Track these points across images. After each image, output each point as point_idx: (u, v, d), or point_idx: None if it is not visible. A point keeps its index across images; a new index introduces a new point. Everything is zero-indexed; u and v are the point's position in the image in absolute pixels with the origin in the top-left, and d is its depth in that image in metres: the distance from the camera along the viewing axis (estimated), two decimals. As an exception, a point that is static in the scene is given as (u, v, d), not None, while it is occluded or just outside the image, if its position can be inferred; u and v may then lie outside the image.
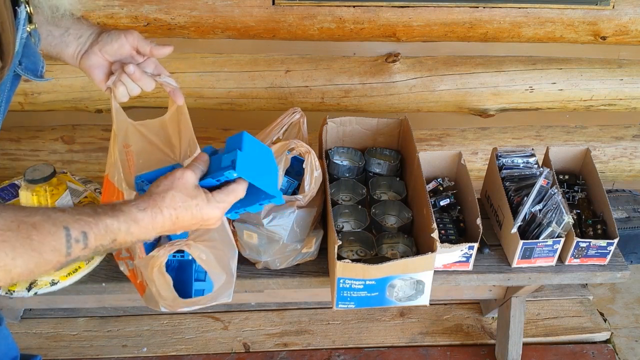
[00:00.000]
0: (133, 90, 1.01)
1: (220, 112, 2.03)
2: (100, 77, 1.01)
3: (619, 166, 2.27)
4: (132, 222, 0.78)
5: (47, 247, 0.69)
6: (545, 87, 2.01)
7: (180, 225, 0.84)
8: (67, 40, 0.98)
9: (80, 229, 0.72)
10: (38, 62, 0.90)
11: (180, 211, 0.82)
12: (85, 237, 0.72)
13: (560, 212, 1.44)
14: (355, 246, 1.49)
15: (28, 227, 0.68)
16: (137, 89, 1.01)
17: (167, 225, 0.82)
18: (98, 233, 0.74)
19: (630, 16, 1.87)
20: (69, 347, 1.90)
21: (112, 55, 1.00)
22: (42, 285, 1.36)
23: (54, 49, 0.99)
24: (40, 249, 0.68)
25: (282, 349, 1.92)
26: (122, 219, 0.77)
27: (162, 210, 0.81)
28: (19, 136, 2.05)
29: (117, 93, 1.00)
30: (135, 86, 1.00)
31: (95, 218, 0.74)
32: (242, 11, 1.78)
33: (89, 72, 1.01)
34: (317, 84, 1.96)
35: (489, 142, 2.18)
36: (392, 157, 1.69)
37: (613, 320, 2.08)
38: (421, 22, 1.84)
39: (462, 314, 2.06)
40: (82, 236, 0.72)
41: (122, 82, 0.99)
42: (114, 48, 0.99)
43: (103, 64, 1.01)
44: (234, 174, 0.86)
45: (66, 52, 0.99)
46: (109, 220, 0.75)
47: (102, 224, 0.74)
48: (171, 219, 0.82)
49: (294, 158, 1.36)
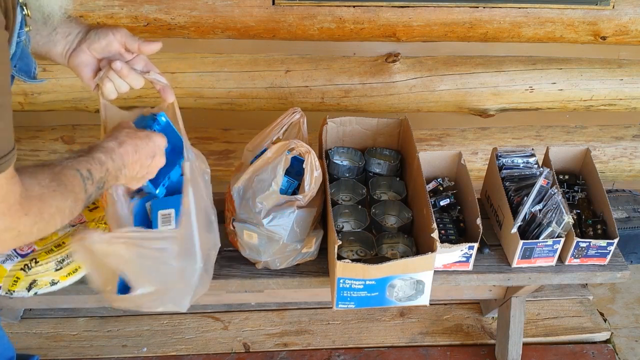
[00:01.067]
0: (121, 87, 1.01)
1: (220, 112, 2.03)
2: (88, 75, 1.01)
3: (619, 166, 2.27)
4: (109, 150, 0.93)
5: (75, 187, 0.84)
6: (545, 87, 2.01)
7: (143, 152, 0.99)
8: (55, 39, 0.98)
9: (85, 167, 0.87)
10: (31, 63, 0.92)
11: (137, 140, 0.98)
12: (90, 173, 0.87)
13: (560, 212, 1.44)
14: (355, 246, 1.49)
15: (59, 176, 0.82)
16: (125, 85, 1.01)
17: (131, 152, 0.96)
18: (96, 167, 0.89)
19: (630, 16, 1.87)
20: (69, 347, 1.90)
21: (100, 52, 1.00)
22: (42, 285, 1.36)
23: (42, 48, 0.99)
24: (73, 189, 0.83)
25: (282, 349, 1.92)
26: (104, 150, 0.92)
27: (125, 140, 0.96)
28: (19, 136, 2.05)
29: (104, 90, 1.01)
30: (123, 83, 1.01)
31: (89, 156, 0.90)
32: (242, 11, 1.78)
33: (78, 70, 1.01)
34: (317, 84, 1.96)
35: (489, 142, 2.18)
36: (392, 157, 1.69)
37: (613, 320, 2.08)
38: (421, 22, 1.84)
39: (462, 314, 2.06)
40: (88, 173, 0.87)
41: (109, 78, 0.99)
42: (101, 45, 0.98)
43: (91, 61, 1.01)
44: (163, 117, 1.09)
45: (54, 51, 0.99)
46: (97, 154, 0.91)
47: (96, 159, 0.90)
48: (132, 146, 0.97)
49: (294, 158, 1.36)
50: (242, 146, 1.56)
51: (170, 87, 1.10)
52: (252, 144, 1.49)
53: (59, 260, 1.36)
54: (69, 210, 0.83)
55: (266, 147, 1.43)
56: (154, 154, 1.02)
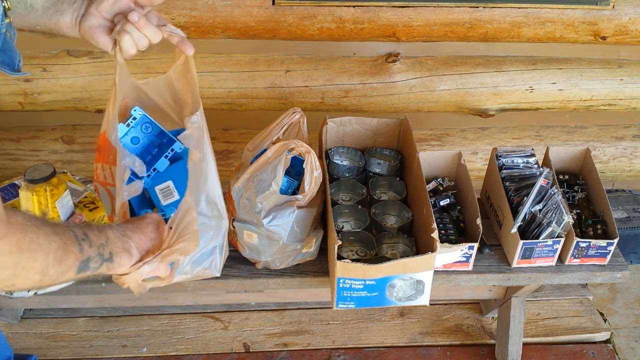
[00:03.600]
0: (140, 40, 0.94)
1: (220, 112, 2.03)
2: (103, 37, 0.95)
3: (619, 166, 2.27)
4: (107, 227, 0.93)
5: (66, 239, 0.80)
6: (545, 87, 2.01)
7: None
8: (62, 8, 0.94)
9: (80, 230, 0.84)
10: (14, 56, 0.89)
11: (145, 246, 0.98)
12: (87, 236, 0.84)
13: (560, 212, 1.44)
14: (355, 246, 1.49)
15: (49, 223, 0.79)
16: (144, 39, 0.94)
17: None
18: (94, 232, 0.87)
19: (630, 16, 1.87)
20: (69, 347, 1.90)
21: (110, 11, 0.95)
22: (42, 285, 1.36)
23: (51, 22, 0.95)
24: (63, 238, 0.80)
25: (282, 349, 1.92)
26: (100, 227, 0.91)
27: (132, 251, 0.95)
28: (19, 136, 2.05)
29: (123, 44, 0.93)
30: (141, 36, 0.93)
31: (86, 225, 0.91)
32: (242, 11, 1.78)
33: (91, 35, 0.95)
34: (317, 84, 1.96)
35: (489, 142, 2.18)
36: (392, 157, 1.69)
37: (613, 320, 2.08)
38: (421, 22, 1.84)
39: (462, 314, 2.06)
40: (84, 235, 0.84)
41: (126, 31, 0.92)
42: (110, 2, 0.94)
43: (104, 23, 0.95)
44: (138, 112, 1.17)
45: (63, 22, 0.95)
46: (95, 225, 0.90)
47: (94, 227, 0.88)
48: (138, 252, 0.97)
49: (294, 158, 1.36)
50: (242, 146, 1.56)
51: (187, 40, 1.04)
52: (252, 144, 1.49)
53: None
54: (54, 257, 0.77)
55: (266, 147, 1.43)
56: None
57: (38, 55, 1.88)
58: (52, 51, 1.89)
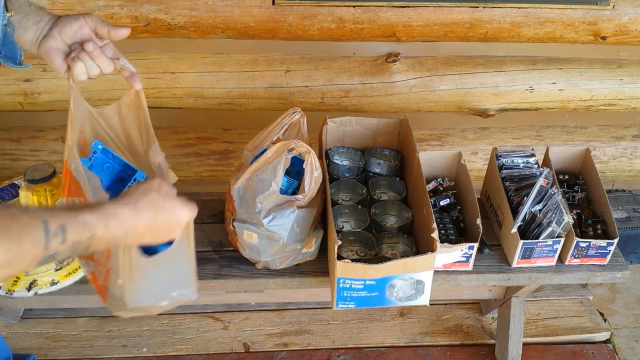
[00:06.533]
0: (92, 69, 1.00)
1: (220, 112, 2.03)
2: (59, 60, 1.00)
3: (619, 166, 2.27)
4: (111, 217, 0.78)
5: (26, 238, 0.68)
6: (545, 87, 2.01)
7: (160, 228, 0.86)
8: (26, 25, 0.97)
9: (59, 222, 0.72)
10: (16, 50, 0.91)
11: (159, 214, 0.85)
12: (64, 231, 0.72)
13: (560, 212, 1.44)
14: (355, 246, 1.49)
15: (6, 218, 0.68)
16: (95, 68, 1.00)
17: (143, 226, 0.83)
18: (76, 227, 0.74)
19: (630, 16, 1.87)
20: (69, 347, 1.90)
21: (71, 37, 0.99)
22: (42, 285, 1.36)
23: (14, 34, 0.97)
24: (19, 239, 0.68)
25: (282, 349, 1.92)
26: (101, 214, 0.77)
27: (142, 209, 0.82)
28: (19, 136, 2.05)
29: (75, 71, 0.99)
30: (94, 65, 0.99)
31: (74, 212, 0.75)
32: (242, 11, 1.78)
33: (48, 55, 1.00)
34: (317, 84, 1.96)
35: (489, 142, 2.18)
36: (392, 157, 1.69)
37: (613, 320, 2.08)
38: (421, 22, 1.84)
39: (462, 314, 2.06)
40: (60, 230, 0.71)
41: (80, 59, 0.98)
42: (73, 29, 0.98)
43: (62, 47, 1.00)
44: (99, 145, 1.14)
45: (24, 37, 0.98)
46: (87, 215, 0.75)
47: (80, 218, 0.74)
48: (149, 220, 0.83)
49: (294, 158, 1.36)
50: (242, 146, 1.56)
51: (137, 75, 1.08)
52: (252, 144, 1.49)
53: (59, 260, 1.36)
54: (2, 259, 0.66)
55: (266, 147, 1.43)
56: (171, 229, 0.89)
57: (38, 55, 1.88)
58: (52, 51, 1.88)
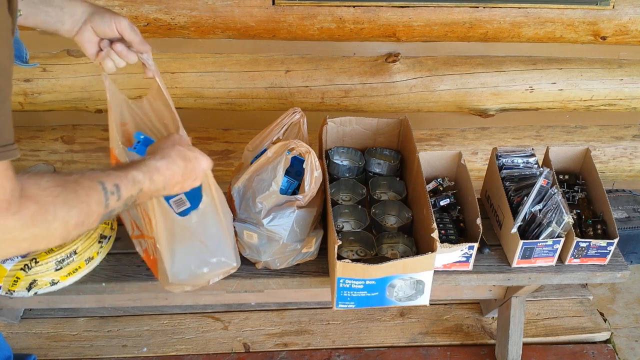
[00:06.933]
0: (119, 64, 1.17)
1: (220, 112, 2.03)
2: (92, 50, 1.15)
3: (619, 166, 2.27)
4: (154, 171, 0.93)
5: (90, 199, 0.79)
6: (545, 87, 2.01)
7: (188, 175, 1.01)
8: (63, 19, 1.10)
9: (113, 181, 0.84)
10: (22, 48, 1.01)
11: (187, 163, 1.00)
12: (118, 189, 0.84)
13: (560, 212, 1.44)
14: (355, 246, 1.49)
15: (72, 184, 0.77)
16: (122, 62, 1.17)
17: (178, 175, 0.98)
18: (127, 184, 0.86)
19: (630, 16, 1.87)
20: (69, 347, 1.90)
21: (102, 34, 1.14)
22: (42, 285, 1.36)
23: (52, 27, 1.10)
24: (87, 201, 0.78)
25: (282, 349, 1.92)
26: (145, 169, 0.91)
27: (175, 161, 0.98)
28: (19, 136, 2.05)
29: (105, 66, 1.16)
30: (121, 61, 1.16)
31: (124, 171, 0.87)
32: (242, 11, 1.78)
33: (82, 45, 1.14)
34: (317, 84, 1.96)
35: (489, 142, 2.18)
36: (392, 157, 1.69)
37: (613, 320, 2.08)
38: (421, 22, 1.84)
39: (462, 314, 2.06)
40: (115, 188, 0.84)
41: (110, 58, 1.15)
42: (104, 30, 1.12)
43: (94, 39, 1.14)
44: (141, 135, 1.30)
45: (62, 29, 1.11)
46: (134, 171, 0.89)
47: (130, 176, 0.87)
48: (181, 169, 0.99)
49: (294, 158, 1.36)
50: (242, 146, 1.56)
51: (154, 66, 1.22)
52: (252, 144, 1.49)
53: (59, 260, 1.36)
54: (74, 222, 0.77)
55: (266, 147, 1.43)
56: (196, 177, 1.05)
57: (38, 55, 1.88)
58: (52, 51, 1.89)
